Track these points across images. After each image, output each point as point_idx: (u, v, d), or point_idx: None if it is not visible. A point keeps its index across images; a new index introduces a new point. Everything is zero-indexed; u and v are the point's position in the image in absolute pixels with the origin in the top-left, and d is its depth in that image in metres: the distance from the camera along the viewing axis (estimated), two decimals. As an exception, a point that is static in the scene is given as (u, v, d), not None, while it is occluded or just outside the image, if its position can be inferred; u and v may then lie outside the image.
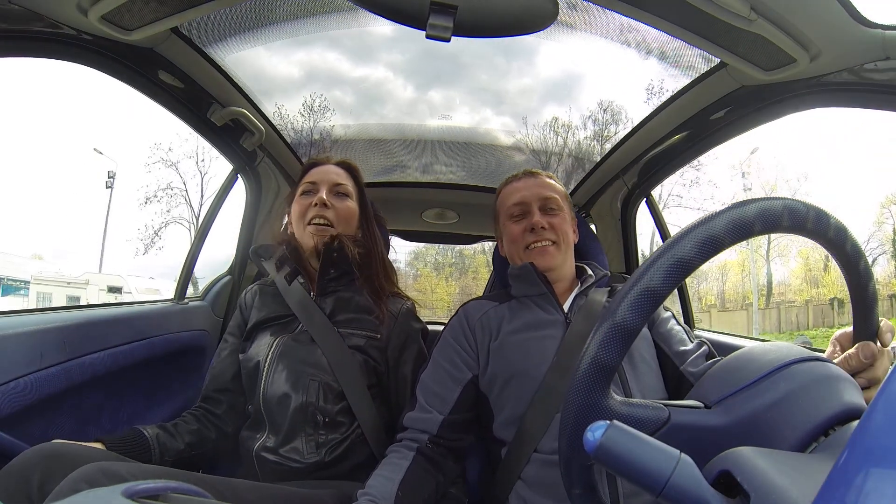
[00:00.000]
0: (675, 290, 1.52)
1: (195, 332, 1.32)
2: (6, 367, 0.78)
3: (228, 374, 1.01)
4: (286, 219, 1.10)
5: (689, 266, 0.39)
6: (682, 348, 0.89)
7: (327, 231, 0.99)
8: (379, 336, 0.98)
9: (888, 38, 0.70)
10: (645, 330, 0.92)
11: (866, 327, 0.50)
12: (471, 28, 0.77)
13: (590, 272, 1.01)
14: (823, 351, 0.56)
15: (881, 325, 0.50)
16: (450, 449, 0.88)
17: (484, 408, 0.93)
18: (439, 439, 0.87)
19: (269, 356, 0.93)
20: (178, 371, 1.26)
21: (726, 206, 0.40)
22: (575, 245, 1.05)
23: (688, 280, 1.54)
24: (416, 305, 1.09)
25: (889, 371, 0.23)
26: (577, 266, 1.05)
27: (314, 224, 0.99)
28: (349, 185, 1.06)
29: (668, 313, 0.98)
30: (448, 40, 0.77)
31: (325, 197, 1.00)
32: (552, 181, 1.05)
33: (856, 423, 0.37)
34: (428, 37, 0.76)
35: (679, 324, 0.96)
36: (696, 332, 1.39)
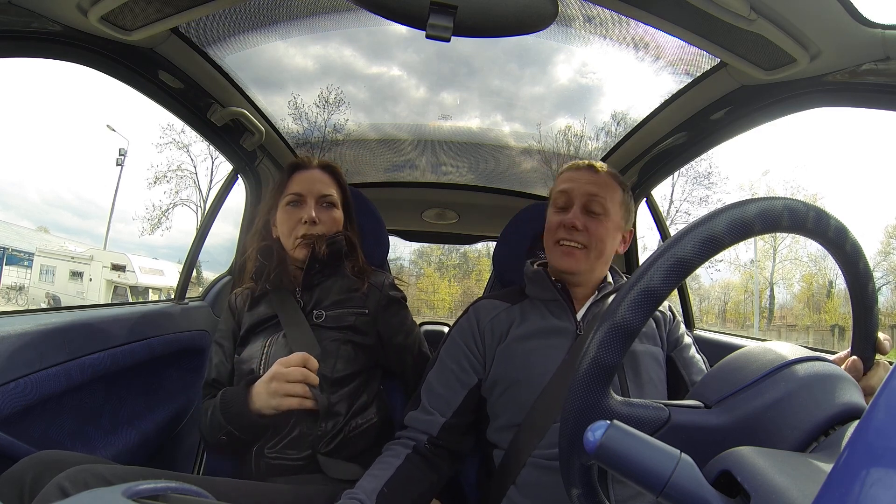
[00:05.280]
0: (676, 291, 1.52)
1: (195, 333, 1.32)
2: (6, 367, 0.78)
3: (224, 380, 1.01)
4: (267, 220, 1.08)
5: (689, 266, 0.39)
6: (700, 378, 0.89)
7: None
8: (367, 311, 1.00)
9: (888, 38, 0.69)
10: (657, 349, 0.90)
11: (866, 327, 0.50)
12: (471, 28, 0.77)
13: (609, 279, 0.97)
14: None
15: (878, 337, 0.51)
16: (449, 451, 0.88)
17: (481, 411, 0.93)
18: (438, 441, 0.87)
19: (263, 357, 0.94)
20: (178, 371, 1.26)
21: (726, 205, 0.40)
22: None
23: (689, 297, 1.54)
24: (421, 303, 1.10)
25: (888, 372, 0.23)
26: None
27: (304, 239, 1.00)
28: (335, 193, 1.06)
29: (691, 339, 0.96)
30: (448, 40, 0.77)
31: (314, 214, 1.00)
32: (612, 182, 0.94)
33: (856, 422, 0.37)
34: (428, 37, 0.76)
35: (699, 352, 0.95)
36: (697, 332, 1.39)
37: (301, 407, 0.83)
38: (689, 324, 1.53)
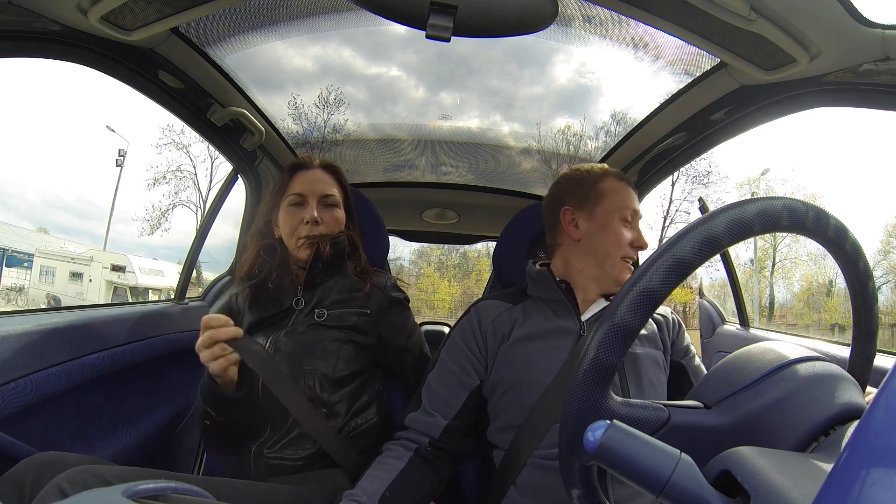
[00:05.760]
0: (731, 291, 1.48)
1: (195, 333, 1.31)
2: (6, 367, 0.78)
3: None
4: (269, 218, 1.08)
5: (688, 266, 0.39)
6: None
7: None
8: (369, 311, 1.00)
9: (888, 38, 0.69)
10: (657, 353, 0.90)
11: (866, 325, 0.50)
12: (471, 28, 0.77)
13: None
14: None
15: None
16: (450, 453, 0.88)
17: (481, 412, 0.92)
18: (440, 443, 0.86)
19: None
20: (178, 371, 1.26)
21: (726, 205, 0.40)
22: None
23: (689, 297, 1.50)
24: (421, 303, 1.10)
25: (889, 371, 0.23)
26: None
27: (307, 240, 0.99)
28: (336, 192, 1.06)
29: (694, 349, 0.97)
30: (448, 40, 0.77)
31: (316, 214, 1.00)
32: None
33: (856, 422, 0.37)
34: (428, 37, 0.76)
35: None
36: (753, 331, 1.38)
37: (228, 364, 0.84)
38: (744, 322, 1.47)
